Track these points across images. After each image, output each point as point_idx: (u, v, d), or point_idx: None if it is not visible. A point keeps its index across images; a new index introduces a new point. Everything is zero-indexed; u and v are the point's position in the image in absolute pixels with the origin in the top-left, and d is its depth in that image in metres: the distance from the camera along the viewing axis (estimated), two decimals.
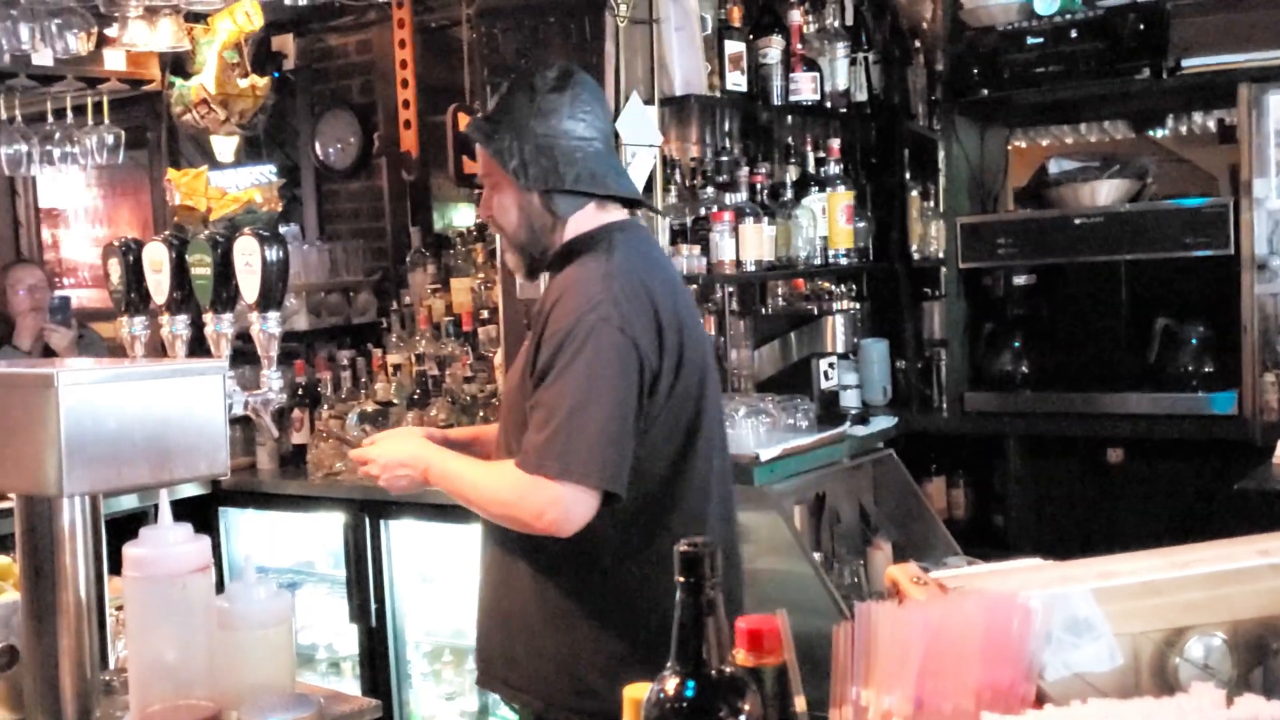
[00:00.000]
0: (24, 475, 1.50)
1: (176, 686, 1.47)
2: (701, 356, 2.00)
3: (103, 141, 4.43)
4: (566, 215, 1.98)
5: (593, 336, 1.83)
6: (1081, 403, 3.58)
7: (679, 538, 2.03)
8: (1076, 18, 3.42)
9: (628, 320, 1.86)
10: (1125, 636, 1.19)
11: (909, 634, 1.10)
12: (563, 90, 1.97)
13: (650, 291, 1.92)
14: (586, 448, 1.81)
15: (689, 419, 1.96)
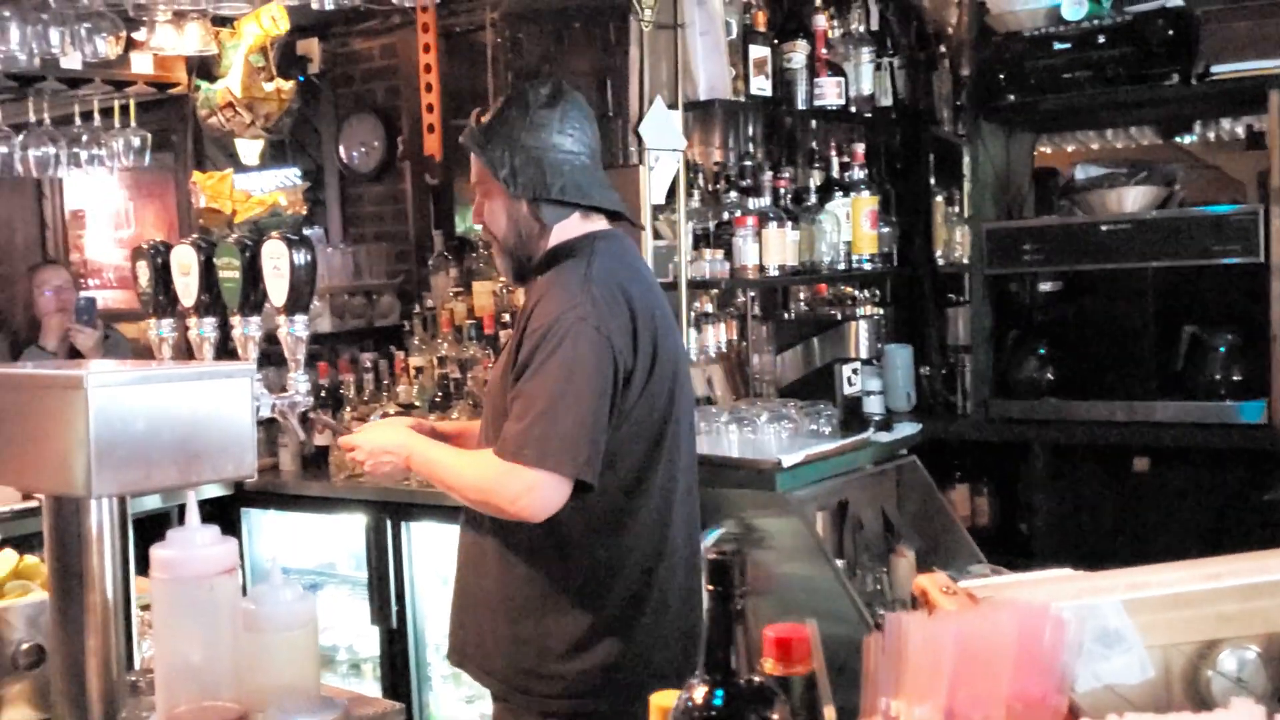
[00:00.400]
0: (53, 476, 1.51)
1: (202, 688, 1.47)
2: (674, 360, 2.12)
3: (129, 144, 4.45)
4: (552, 223, 2.10)
5: (570, 334, 1.96)
6: (1107, 410, 3.55)
7: (643, 527, 2.10)
8: (1104, 23, 3.40)
9: (604, 320, 1.98)
10: (1156, 648, 1.18)
11: (940, 644, 1.09)
12: (554, 106, 2.10)
13: (627, 296, 2.04)
14: (561, 437, 1.92)
15: (660, 417, 2.08)
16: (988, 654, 1.11)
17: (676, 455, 2.14)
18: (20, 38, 2.90)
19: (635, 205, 2.90)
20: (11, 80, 4.20)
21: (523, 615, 2.08)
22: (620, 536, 2.07)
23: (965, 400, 3.84)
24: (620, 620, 2.07)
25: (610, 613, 2.07)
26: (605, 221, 2.18)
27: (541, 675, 2.07)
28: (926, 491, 3.51)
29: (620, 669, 2.07)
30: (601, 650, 2.06)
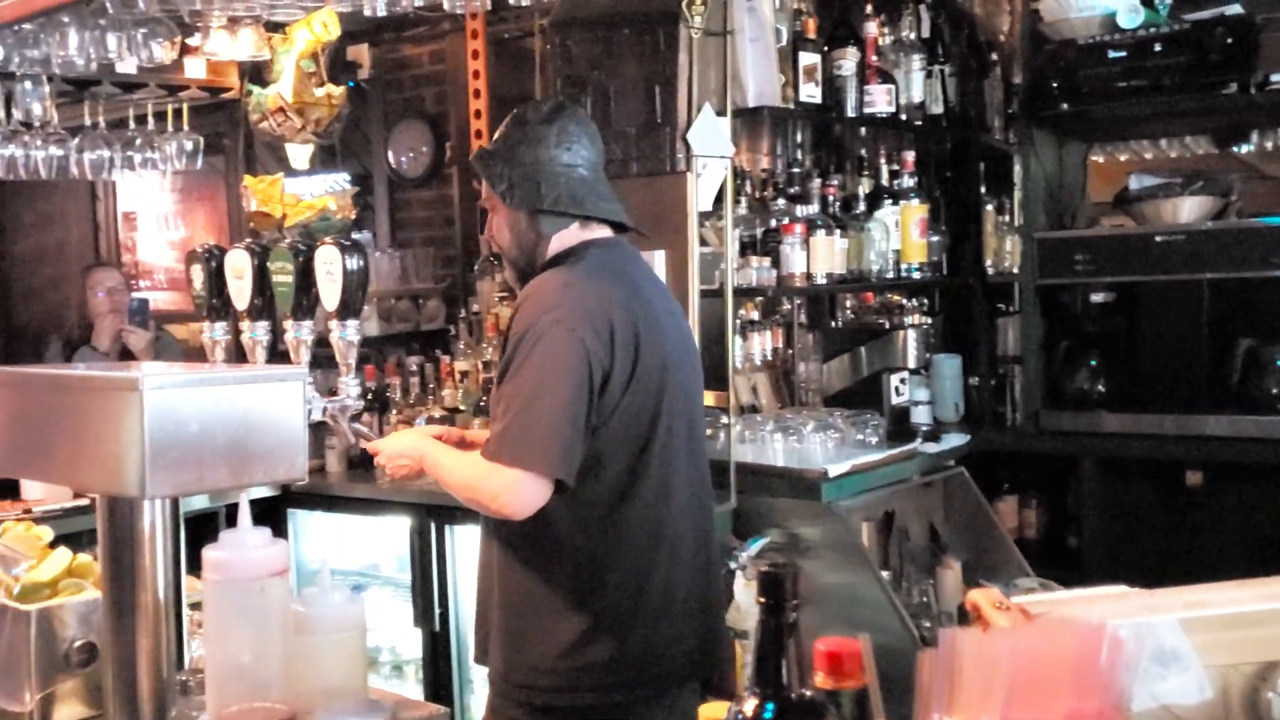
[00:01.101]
0: (108, 476, 1.52)
1: (252, 688, 1.48)
2: (661, 366, 2.16)
3: (182, 147, 4.52)
4: (549, 234, 2.21)
5: (545, 337, 2.04)
6: (1160, 424, 3.49)
7: (635, 531, 2.14)
8: (1161, 31, 3.35)
9: (578, 323, 2.06)
10: (1214, 669, 1.16)
11: (995, 661, 1.08)
12: (551, 122, 2.21)
13: (609, 300, 2.11)
14: (537, 437, 2.01)
15: (647, 421, 2.14)
16: (1044, 672, 1.09)
17: (673, 460, 2.19)
18: (79, 43, 2.95)
19: (682, 212, 2.89)
20: (68, 84, 4.28)
21: (521, 613, 2.17)
22: (610, 538, 2.13)
23: (1014, 411, 3.80)
24: (615, 621, 2.14)
25: (604, 613, 2.13)
26: (608, 230, 2.27)
27: (540, 671, 2.14)
28: (974, 503, 3.47)
29: (616, 669, 2.13)
30: (596, 649, 2.12)
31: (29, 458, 1.64)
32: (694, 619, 2.22)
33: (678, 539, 2.20)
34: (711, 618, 2.30)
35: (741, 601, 2.86)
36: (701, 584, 2.25)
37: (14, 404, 1.63)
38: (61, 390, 1.56)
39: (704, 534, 2.28)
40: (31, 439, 1.61)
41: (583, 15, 3.03)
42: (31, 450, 1.63)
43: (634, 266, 2.31)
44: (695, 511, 2.26)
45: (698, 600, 2.23)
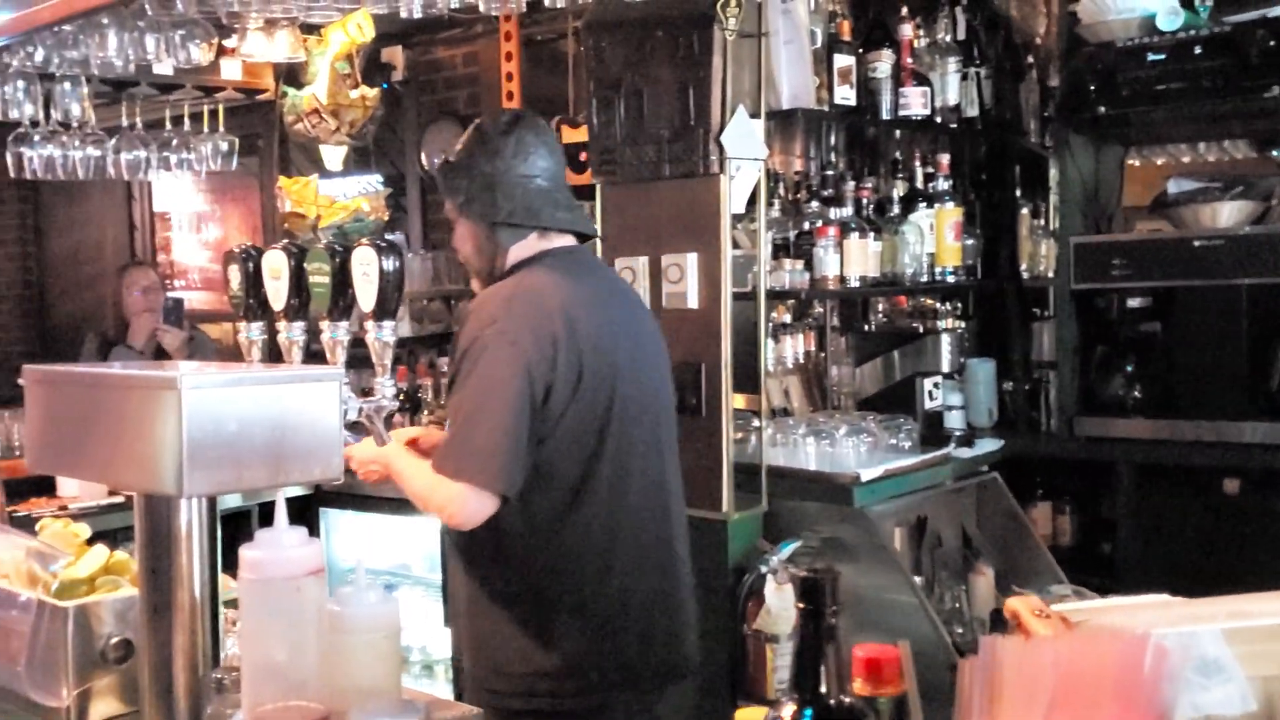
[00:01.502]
0: (146, 474, 1.53)
1: (287, 687, 1.49)
2: (611, 375, 2.19)
3: (217, 148, 4.56)
4: (507, 245, 2.25)
5: (486, 351, 2.07)
6: (1197, 430, 3.45)
7: (586, 540, 2.16)
8: (1201, 34, 3.31)
9: (522, 336, 2.09)
10: (1258, 680, 1.14)
11: (1038, 670, 1.07)
12: (508, 133, 2.24)
13: (553, 312, 2.13)
14: (475, 451, 2.05)
15: (595, 431, 2.17)
16: (1087, 682, 1.07)
17: (627, 468, 2.21)
18: (117, 44, 2.97)
19: (715, 214, 2.89)
20: (106, 85, 4.32)
21: (478, 618, 2.23)
22: (560, 547, 2.16)
23: (1049, 417, 3.77)
24: (566, 629, 2.16)
25: (555, 621, 2.16)
26: (570, 239, 2.30)
27: (502, 674, 2.18)
28: (1007, 509, 3.44)
29: (569, 675, 2.16)
30: (547, 657, 2.15)
31: (68, 456, 1.65)
32: (653, 625, 2.25)
33: (634, 547, 2.22)
34: (674, 622, 2.31)
35: (772, 605, 2.84)
36: (661, 589, 2.27)
37: (54, 402, 1.64)
38: (101, 389, 1.57)
39: (664, 540, 2.29)
40: (71, 437, 1.63)
41: (617, 17, 3.03)
42: (71, 448, 1.64)
43: (591, 274, 2.34)
44: (656, 518, 2.27)
45: (658, 606, 2.26)
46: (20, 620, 1.76)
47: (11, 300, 7.12)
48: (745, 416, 3.07)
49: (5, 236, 7.11)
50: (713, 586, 2.89)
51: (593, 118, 3.08)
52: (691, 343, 2.89)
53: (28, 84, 3.68)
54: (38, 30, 2.93)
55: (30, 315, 7.11)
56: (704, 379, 2.89)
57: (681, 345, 2.90)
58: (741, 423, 3.05)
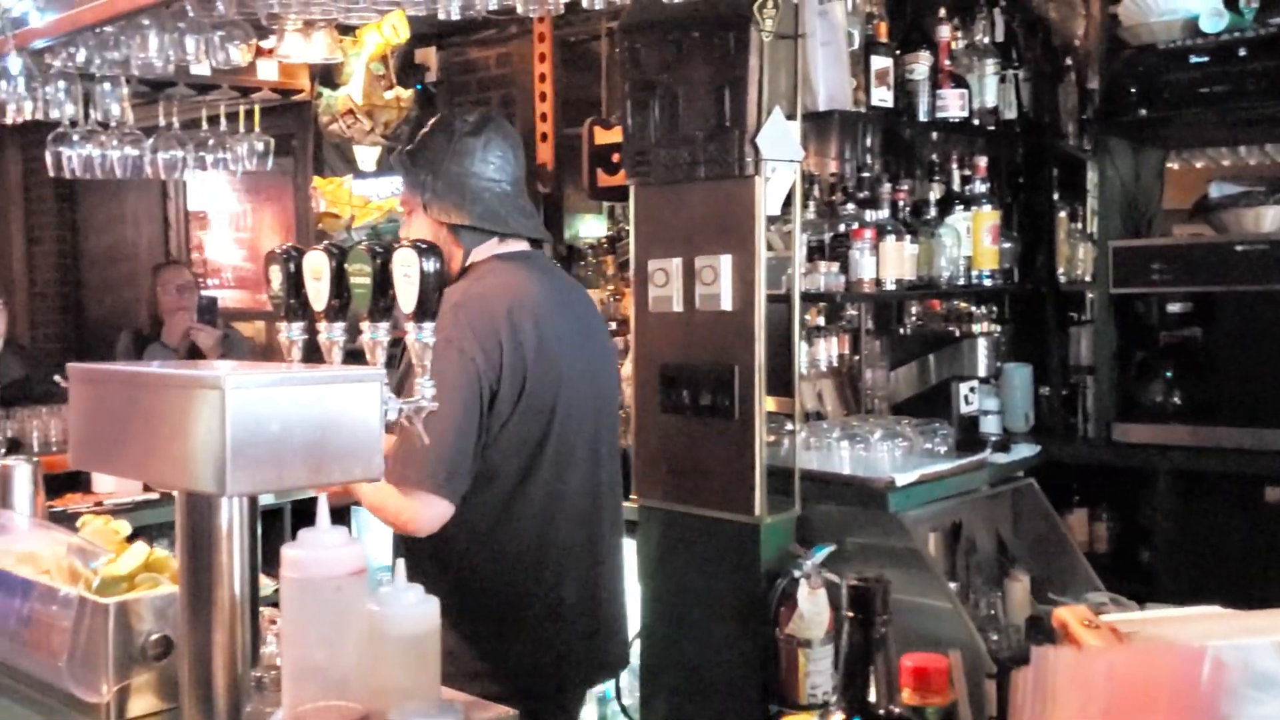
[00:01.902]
0: (189, 473, 1.53)
1: (327, 686, 1.49)
2: (555, 380, 2.22)
3: (253, 148, 4.58)
4: (468, 248, 2.27)
5: (437, 359, 2.04)
6: (1237, 437, 3.41)
7: (517, 543, 2.20)
8: (1246, 36, 3.26)
9: (469, 343, 2.12)
10: None
11: (1091, 682, 1.05)
12: (478, 135, 2.25)
13: (499, 319, 2.16)
14: (428, 459, 2.07)
15: (538, 433, 2.21)
16: (1142, 694, 1.06)
17: (565, 472, 2.25)
18: (158, 45, 2.99)
19: (750, 216, 2.87)
20: (144, 85, 4.36)
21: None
22: (492, 549, 2.21)
23: (1086, 422, 3.73)
24: (495, 630, 2.21)
25: (485, 623, 2.21)
26: (524, 244, 2.33)
27: (461, 675, 2.18)
28: (1044, 515, 3.41)
29: (523, 673, 2.21)
30: (475, 660, 2.19)
31: (111, 454, 1.66)
32: (583, 627, 2.29)
33: (567, 551, 2.26)
34: (603, 622, 2.35)
35: (805, 610, 2.82)
36: (592, 591, 2.31)
37: (97, 401, 1.66)
38: (147, 389, 1.58)
39: (593, 540, 2.33)
40: (114, 435, 1.64)
41: (652, 18, 3.02)
42: (113, 446, 1.65)
43: (544, 278, 2.35)
44: (587, 520, 2.31)
45: (587, 608, 2.30)
46: (61, 616, 1.78)
47: (50, 297, 7.21)
48: (778, 419, 3.05)
49: (43, 234, 7.19)
50: (744, 591, 2.87)
51: (627, 119, 3.08)
52: (725, 345, 2.88)
53: (69, 84, 3.71)
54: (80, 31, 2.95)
55: (68, 312, 7.20)
56: (737, 381, 2.88)
57: (714, 347, 2.89)
58: (774, 426, 3.03)
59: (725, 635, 2.91)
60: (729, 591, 2.91)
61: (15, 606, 1.86)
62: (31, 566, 1.92)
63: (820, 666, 2.76)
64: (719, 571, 2.92)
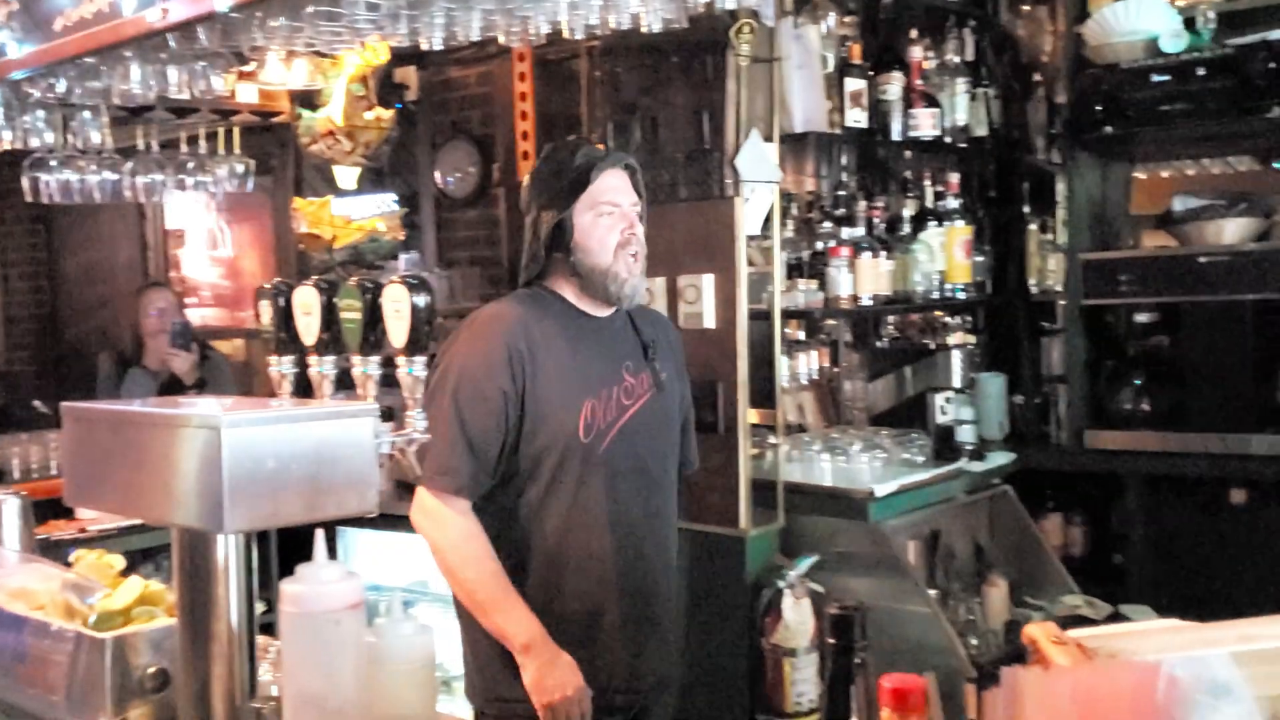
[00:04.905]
0: (186, 511, 1.56)
1: (326, 717, 1.53)
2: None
3: (233, 170, 4.59)
4: None
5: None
6: (1203, 443, 3.50)
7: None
8: (1204, 55, 3.35)
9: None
10: (1265, 700, 1.18)
11: (1057, 701, 1.11)
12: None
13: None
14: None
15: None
16: (1104, 711, 1.12)
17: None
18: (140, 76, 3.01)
19: (730, 236, 2.93)
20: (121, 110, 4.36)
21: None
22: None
23: (1058, 430, 3.81)
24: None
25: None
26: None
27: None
28: (1019, 521, 3.49)
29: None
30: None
31: (107, 492, 1.69)
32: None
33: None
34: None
35: (790, 620, 2.88)
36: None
37: (92, 439, 1.69)
38: (140, 428, 1.61)
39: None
40: (110, 474, 1.67)
41: (631, 42, 3.08)
42: (109, 484, 1.68)
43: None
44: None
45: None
46: (56, 650, 1.81)
47: (25, 321, 7.14)
48: (761, 432, 3.11)
49: (18, 257, 7.13)
50: (731, 601, 2.93)
51: (608, 141, 3.14)
52: (708, 361, 2.94)
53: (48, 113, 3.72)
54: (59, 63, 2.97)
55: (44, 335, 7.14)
56: (721, 397, 2.94)
57: (699, 364, 2.94)
58: (758, 439, 3.09)
59: (713, 645, 2.96)
60: (716, 603, 2.96)
61: (10, 642, 1.88)
62: (24, 602, 1.94)
63: (805, 675, 2.81)
64: (706, 583, 2.97)
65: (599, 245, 2.22)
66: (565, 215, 2.22)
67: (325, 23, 2.45)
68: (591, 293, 2.26)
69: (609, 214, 2.22)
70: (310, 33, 2.53)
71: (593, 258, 2.22)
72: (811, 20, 3.14)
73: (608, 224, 2.22)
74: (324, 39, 2.57)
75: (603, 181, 2.22)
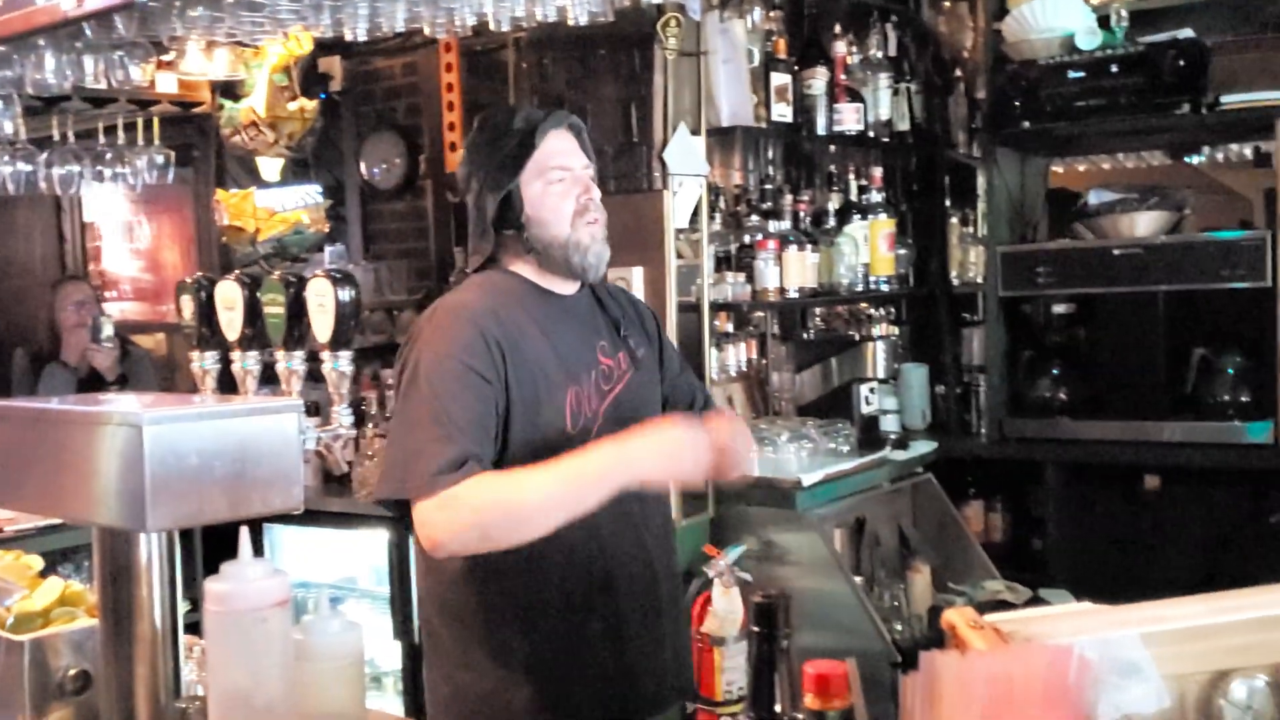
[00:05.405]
0: (108, 511, 1.54)
1: (253, 716, 1.52)
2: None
3: (152, 161, 4.49)
4: None
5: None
6: (1118, 430, 3.61)
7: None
8: (1117, 53, 3.45)
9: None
10: (1172, 679, 1.22)
11: (973, 684, 1.15)
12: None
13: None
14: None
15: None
16: (1017, 693, 1.15)
17: None
18: (55, 65, 2.93)
19: (659, 229, 2.95)
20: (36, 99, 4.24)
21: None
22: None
23: (979, 419, 3.90)
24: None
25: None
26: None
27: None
28: (942, 508, 3.56)
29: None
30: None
31: (27, 491, 1.66)
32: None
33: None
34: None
35: (719, 609, 2.91)
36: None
37: (11, 438, 1.65)
38: (64, 425, 1.58)
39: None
40: (30, 473, 1.64)
41: (559, 34, 3.08)
42: (30, 484, 1.65)
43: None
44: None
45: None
46: None
47: None
48: None
49: None
50: None
51: None
52: None
53: None
54: None
55: None
56: None
57: None
58: None
59: None
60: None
61: None
62: None
63: (735, 663, 2.84)
64: None
65: (554, 215, 1.96)
66: (512, 187, 1.95)
67: (246, 13, 2.42)
68: (553, 268, 1.99)
69: (560, 180, 1.96)
70: (231, 23, 2.50)
71: (549, 230, 1.96)
72: (737, 15, 3.18)
73: (560, 191, 1.96)
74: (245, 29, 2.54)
75: (548, 145, 1.97)
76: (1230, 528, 3.40)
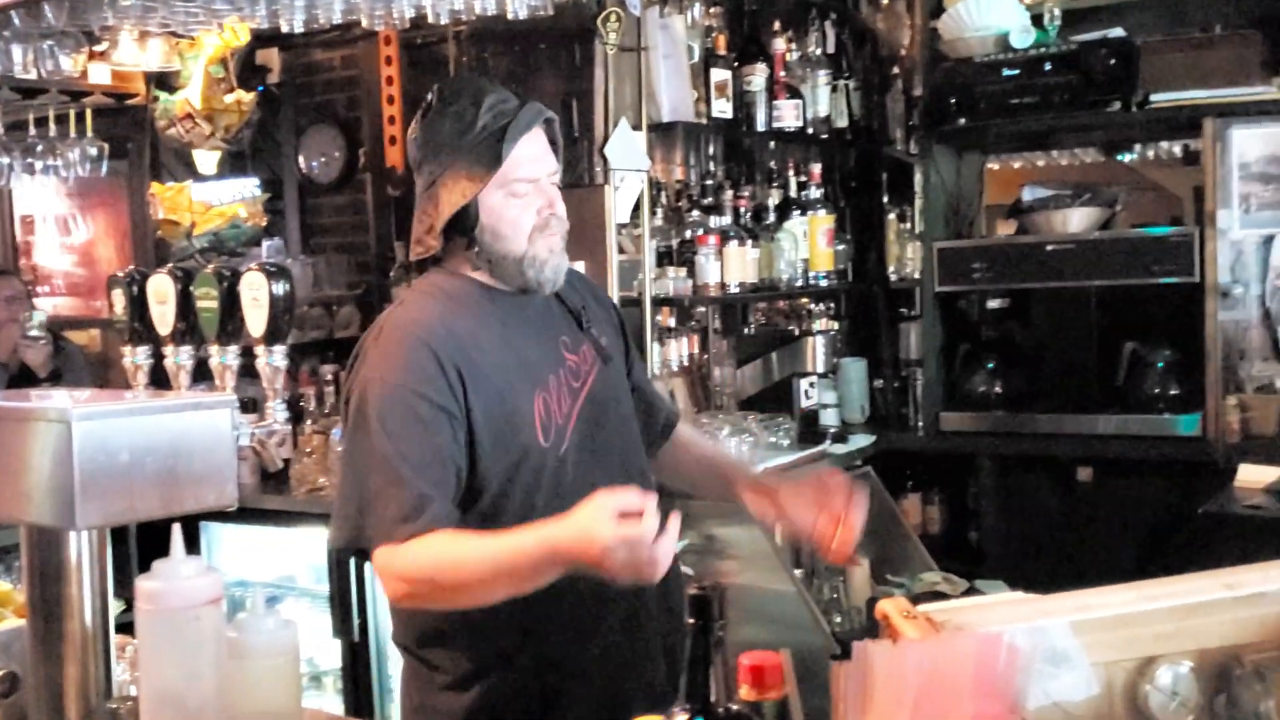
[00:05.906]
0: (36, 508, 1.52)
1: (185, 716, 1.50)
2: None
3: (85, 154, 4.41)
4: None
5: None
6: (1052, 423, 3.67)
7: None
8: (1050, 51, 3.51)
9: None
10: (1100, 666, 1.25)
11: (904, 672, 1.16)
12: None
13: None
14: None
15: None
16: (948, 680, 1.18)
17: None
18: None
19: (601, 223, 2.96)
20: None
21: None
22: None
23: (917, 413, 3.95)
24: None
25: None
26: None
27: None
28: (880, 502, 3.59)
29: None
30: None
31: None
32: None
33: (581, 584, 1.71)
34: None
35: None
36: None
37: None
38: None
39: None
40: None
41: (500, 28, 3.07)
42: None
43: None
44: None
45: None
46: None
47: None
48: None
49: None
50: None
51: None
52: None
53: None
54: None
55: None
56: None
57: None
58: None
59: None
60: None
61: None
62: None
63: None
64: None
65: (512, 230, 1.79)
66: (471, 201, 1.78)
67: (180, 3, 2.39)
68: (505, 280, 1.83)
69: (525, 194, 1.80)
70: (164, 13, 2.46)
71: (505, 244, 1.80)
72: (677, 10, 3.19)
73: (521, 205, 1.79)
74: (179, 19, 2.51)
75: (518, 152, 1.77)
76: (1161, 518, 3.48)
